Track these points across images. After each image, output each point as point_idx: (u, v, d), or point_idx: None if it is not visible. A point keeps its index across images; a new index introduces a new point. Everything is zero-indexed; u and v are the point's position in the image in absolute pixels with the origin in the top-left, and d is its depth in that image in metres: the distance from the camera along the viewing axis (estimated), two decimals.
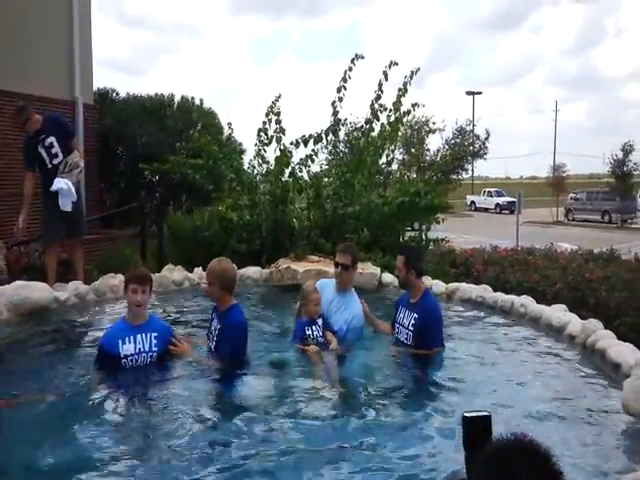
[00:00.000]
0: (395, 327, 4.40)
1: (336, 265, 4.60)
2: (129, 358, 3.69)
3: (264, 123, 8.05)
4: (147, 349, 3.75)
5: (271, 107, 8.02)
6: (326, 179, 8.88)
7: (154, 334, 3.78)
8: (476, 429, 1.53)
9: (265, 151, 8.21)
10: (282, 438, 2.97)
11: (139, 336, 3.73)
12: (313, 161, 8.24)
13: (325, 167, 11.61)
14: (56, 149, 6.15)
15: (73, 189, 6.11)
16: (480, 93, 54.27)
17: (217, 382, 3.75)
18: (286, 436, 2.99)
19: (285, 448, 2.84)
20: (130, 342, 3.70)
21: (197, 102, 12.91)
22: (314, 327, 4.29)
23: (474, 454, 1.46)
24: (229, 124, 9.56)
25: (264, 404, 3.41)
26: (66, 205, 6.08)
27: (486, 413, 1.55)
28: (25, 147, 6.31)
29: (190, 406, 3.34)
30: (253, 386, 3.72)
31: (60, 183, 6.02)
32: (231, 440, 2.96)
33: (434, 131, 29.28)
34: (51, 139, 6.14)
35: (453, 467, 1.77)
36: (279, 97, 8.06)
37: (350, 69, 8.17)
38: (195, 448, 2.86)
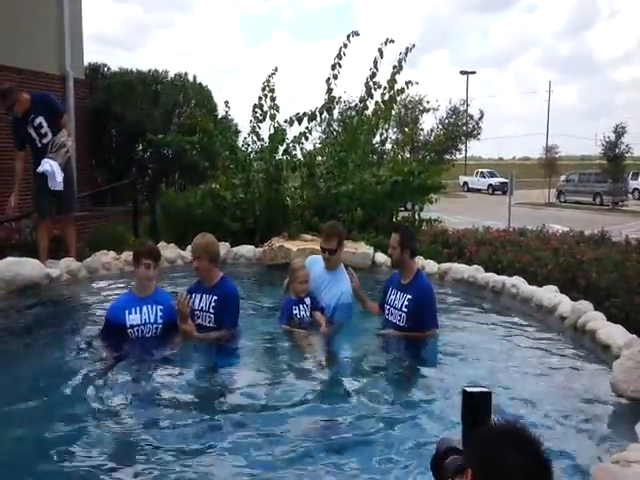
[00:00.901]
0: (385, 308, 4.34)
1: (322, 250, 4.58)
2: (135, 328, 3.80)
3: (260, 98, 7.99)
4: (152, 320, 3.84)
5: (267, 82, 7.95)
6: (320, 158, 8.83)
7: (159, 306, 3.87)
8: (475, 404, 1.54)
9: (259, 127, 8.17)
10: (272, 413, 3.02)
11: (145, 307, 3.83)
12: (307, 139, 8.21)
13: (319, 146, 11.50)
14: (45, 129, 6.11)
15: (58, 170, 6.06)
16: (474, 73, 53.78)
17: (212, 356, 3.83)
18: (276, 411, 3.05)
19: (275, 424, 2.90)
20: (136, 313, 3.80)
21: (190, 79, 12.71)
22: (301, 306, 4.26)
23: (472, 428, 1.48)
24: (226, 102, 9.32)
25: (255, 380, 3.49)
26: (55, 185, 6.06)
27: (486, 389, 1.56)
28: (14, 128, 6.25)
29: (182, 380, 3.45)
30: (245, 362, 3.80)
31: (45, 165, 5.99)
32: (223, 412, 3.03)
33: (428, 110, 29.17)
34: (40, 119, 6.08)
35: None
36: (275, 71, 8.00)
37: (345, 46, 8.09)
38: (187, 419, 2.93)
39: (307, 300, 4.31)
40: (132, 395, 3.23)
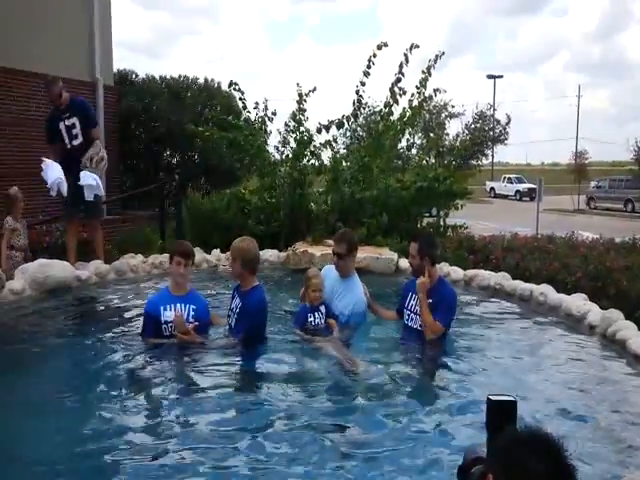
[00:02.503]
0: (405, 314, 4.29)
1: (333, 254, 4.55)
2: (169, 324, 3.89)
3: (294, 113, 8.07)
4: (184, 318, 3.90)
5: (301, 100, 8.02)
6: (344, 163, 8.85)
7: (192, 306, 3.97)
8: (500, 412, 1.52)
9: (290, 137, 8.27)
10: (297, 412, 3.07)
11: (179, 305, 3.93)
12: (333, 148, 8.27)
13: (343, 151, 11.53)
14: (77, 131, 6.24)
15: (100, 183, 6.23)
16: (501, 77, 53.29)
17: (238, 358, 3.87)
18: (301, 411, 3.08)
19: (301, 422, 2.94)
20: (171, 310, 3.90)
21: (216, 85, 12.84)
22: (316, 314, 4.24)
23: (496, 437, 1.46)
24: (256, 105, 9.41)
25: (281, 380, 3.53)
26: (89, 196, 6.19)
27: (512, 398, 1.54)
28: (47, 120, 6.39)
29: (208, 378, 3.54)
30: (270, 363, 3.82)
31: (88, 179, 6.12)
32: (248, 410, 3.08)
33: (454, 115, 29.01)
34: (74, 120, 6.23)
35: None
36: (313, 90, 8.12)
37: (374, 56, 8.11)
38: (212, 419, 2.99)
39: (322, 308, 4.28)
40: (163, 390, 3.34)
